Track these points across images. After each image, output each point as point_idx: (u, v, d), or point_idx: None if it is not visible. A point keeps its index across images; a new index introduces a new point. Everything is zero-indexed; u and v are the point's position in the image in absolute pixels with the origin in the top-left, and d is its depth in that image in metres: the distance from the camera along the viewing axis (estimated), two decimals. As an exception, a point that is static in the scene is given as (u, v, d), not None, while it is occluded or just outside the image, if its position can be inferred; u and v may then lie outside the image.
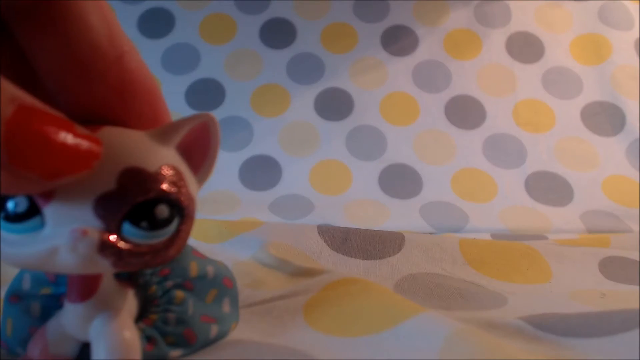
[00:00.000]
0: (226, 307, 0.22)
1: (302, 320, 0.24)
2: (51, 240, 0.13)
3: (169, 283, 0.20)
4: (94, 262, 0.14)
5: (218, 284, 0.22)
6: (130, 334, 0.17)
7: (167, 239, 0.15)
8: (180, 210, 0.15)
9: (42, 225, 0.13)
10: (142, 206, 0.14)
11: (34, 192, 0.13)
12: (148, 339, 0.19)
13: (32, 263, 0.14)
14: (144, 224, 0.14)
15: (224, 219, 0.43)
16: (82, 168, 0.12)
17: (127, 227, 0.14)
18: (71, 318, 0.17)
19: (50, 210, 0.13)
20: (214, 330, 0.21)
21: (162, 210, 0.14)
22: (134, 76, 0.15)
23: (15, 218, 0.13)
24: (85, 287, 0.17)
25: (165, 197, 0.14)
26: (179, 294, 0.20)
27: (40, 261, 0.13)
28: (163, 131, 0.15)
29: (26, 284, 0.20)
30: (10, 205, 0.13)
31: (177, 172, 0.15)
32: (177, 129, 0.16)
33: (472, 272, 0.33)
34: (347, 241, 0.36)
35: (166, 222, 0.14)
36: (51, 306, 0.19)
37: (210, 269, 0.22)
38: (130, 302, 0.19)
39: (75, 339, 0.18)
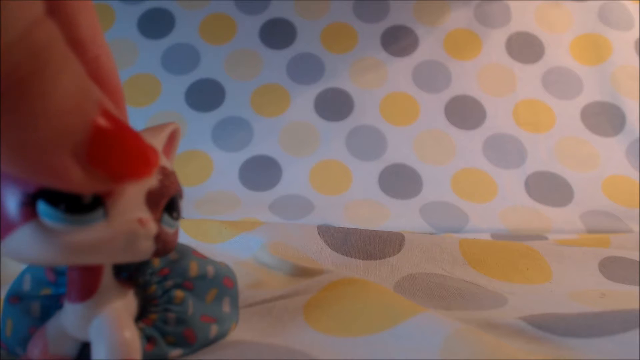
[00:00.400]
0: (226, 307, 0.22)
1: (302, 320, 0.24)
2: (114, 229, 0.14)
3: (169, 283, 0.20)
4: (147, 249, 0.16)
5: (218, 284, 0.22)
6: (130, 334, 0.17)
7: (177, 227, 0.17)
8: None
9: (104, 216, 0.14)
10: (173, 199, 0.16)
11: (97, 191, 0.14)
12: (148, 338, 0.19)
13: (87, 253, 0.15)
14: (175, 214, 0.17)
15: (224, 219, 0.43)
16: (145, 174, 0.14)
17: (165, 218, 0.16)
18: (71, 318, 0.17)
19: (112, 203, 0.14)
20: (213, 330, 0.21)
21: (181, 202, 0.17)
22: (107, 76, 0.16)
23: (80, 209, 0.14)
24: (85, 287, 0.17)
25: (181, 193, 0.17)
26: (179, 293, 0.20)
27: (97, 250, 0.15)
28: (152, 134, 0.18)
29: (27, 285, 0.20)
30: (75, 197, 0.14)
31: (173, 168, 0.17)
32: (162, 133, 0.18)
33: (472, 272, 0.33)
34: (347, 241, 0.36)
35: (180, 211, 0.17)
36: (51, 306, 0.19)
37: (210, 269, 0.22)
38: (130, 302, 0.19)
39: (75, 338, 0.18)
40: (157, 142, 0.18)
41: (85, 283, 0.17)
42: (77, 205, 0.14)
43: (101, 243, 0.14)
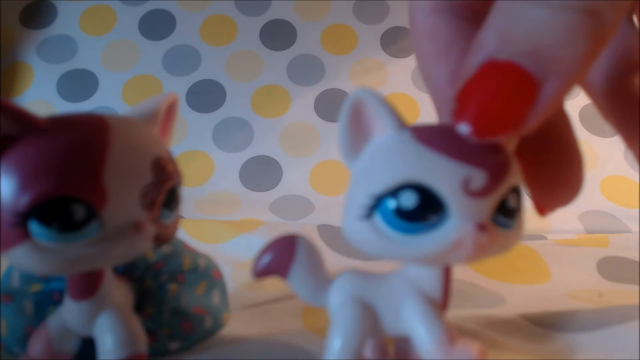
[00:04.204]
0: (216, 299, 0.22)
1: (301, 322, 0.24)
2: (110, 240, 0.14)
3: (164, 277, 0.21)
4: (146, 249, 0.15)
5: (208, 276, 0.22)
6: (136, 329, 0.17)
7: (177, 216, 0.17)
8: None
9: (99, 228, 0.14)
10: (171, 190, 0.16)
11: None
12: (147, 331, 0.19)
13: (86, 264, 0.15)
14: (173, 205, 0.16)
15: (225, 219, 0.44)
16: None
17: (164, 212, 0.15)
18: (75, 315, 0.17)
19: (106, 213, 0.14)
20: (208, 321, 0.21)
21: (180, 192, 0.16)
22: None
23: (74, 226, 0.14)
24: (89, 285, 0.17)
25: (180, 179, 0.16)
26: (173, 286, 0.21)
27: (96, 260, 0.15)
28: (147, 115, 0.17)
29: (15, 281, 0.20)
30: (68, 214, 0.14)
31: (171, 153, 0.16)
32: (157, 112, 0.17)
33: (471, 273, 0.33)
34: (347, 241, 0.36)
35: (179, 201, 0.16)
36: (44, 303, 0.19)
37: (201, 262, 0.22)
38: (128, 296, 0.19)
39: (77, 335, 0.18)
40: (155, 117, 0.17)
41: (88, 281, 0.17)
42: (70, 223, 0.14)
43: (99, 255, 0.14)
